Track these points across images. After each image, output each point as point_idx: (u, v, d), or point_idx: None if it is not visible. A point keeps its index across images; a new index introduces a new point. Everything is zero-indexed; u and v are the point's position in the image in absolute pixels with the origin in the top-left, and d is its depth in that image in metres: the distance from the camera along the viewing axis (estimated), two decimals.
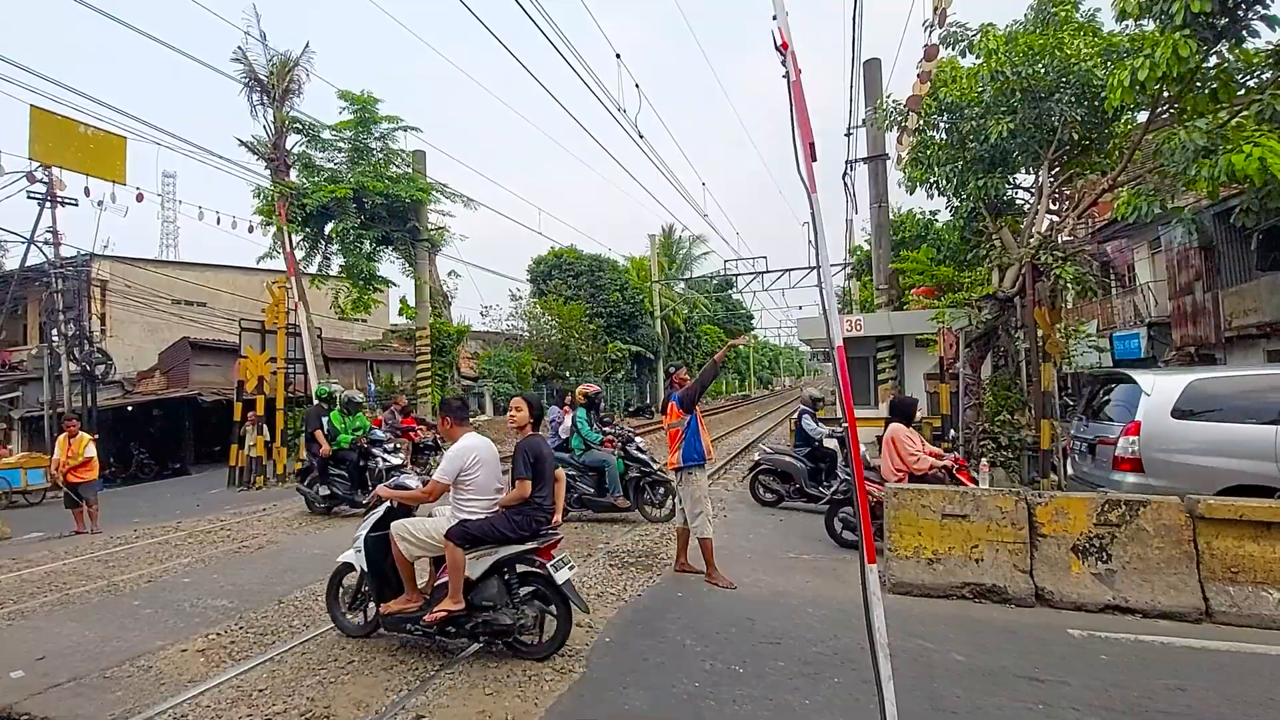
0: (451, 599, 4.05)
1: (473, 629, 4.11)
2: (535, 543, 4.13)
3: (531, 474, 4.11)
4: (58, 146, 14.79)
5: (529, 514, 4.12)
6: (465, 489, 4.19)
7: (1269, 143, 6.32)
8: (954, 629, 4.61)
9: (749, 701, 3.57)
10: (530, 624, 4.10)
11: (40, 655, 4.41)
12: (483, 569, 4.12)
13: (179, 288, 24.56)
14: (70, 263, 19.35)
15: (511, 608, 4.08)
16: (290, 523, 9.25)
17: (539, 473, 4.15)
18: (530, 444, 4.21)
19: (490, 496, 4.24)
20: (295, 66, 17.11)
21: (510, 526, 4.09)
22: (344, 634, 4.59)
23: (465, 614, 4.08)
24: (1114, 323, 20.65)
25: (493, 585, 4.14)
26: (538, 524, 4.15)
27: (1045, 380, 9.55)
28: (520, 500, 4.11)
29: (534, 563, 4.13)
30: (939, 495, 5.57)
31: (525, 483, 4.08)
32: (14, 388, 21.97)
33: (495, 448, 4.43)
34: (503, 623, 4.02)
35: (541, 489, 4.17)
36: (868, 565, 2.82)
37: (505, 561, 4.14)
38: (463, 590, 4.07)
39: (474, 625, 4.09)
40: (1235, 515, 4.86)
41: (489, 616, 4.05)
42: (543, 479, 4.18)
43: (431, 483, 4.29)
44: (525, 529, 4.11)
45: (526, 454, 4.13)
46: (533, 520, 4.13)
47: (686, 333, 42.95)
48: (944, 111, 10.56)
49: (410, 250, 19.36)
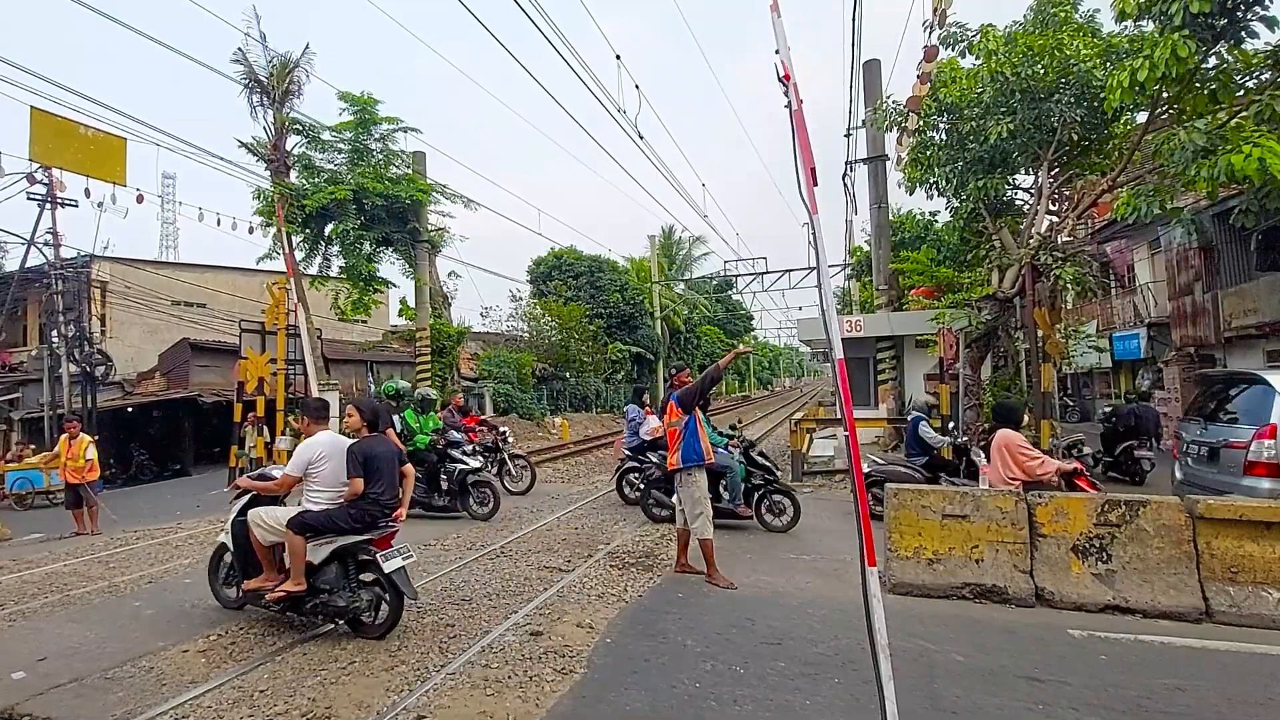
0: (293, 581, 4.50)
1: (313, 608, 4.56)
2: (372, 534, 4.58)
3: (364, 473, 4.55)
4: (58, 148, 14.79)
5: (364, 508, 4.57)
6: (313, 482, 4.65)
7: (1268, 143, 6.34)
8: (954, 629, 4.61)
9: (750, 702, 3.57)
10: (365, 607, 4.53)
11: (41, 656, 4.41)
12: (324, 555, 4.55)
13: (179, 289, 24.57)
14: (70, 264, 19.35)
15: (348, 591, 4.52)
16: None
17: (371, 471, 4.57)
18: (362, 446, 4.66)
19: (336, 489, 4.66)
20: (295, 68, 17.11)
21: (347, 518, 4.54)
22: (220, 603, 5.22)
23: (308, 595, 4.52)
24: (1114, 323, 20.67)
25: (332, 570, 4.58)
26: (373, 517, 4.59)
27: (1045, 380, 9.57)
28: (355, 496, 4.54)
29: (370, 552, 4.54)
30: (939, 496, 5.58)
31: (357, 480, 4.54)
32: (14, 389, 21.96)
33: (345, 445, 4.77)
34: (337, 604, 4.47)
35: (376, 486, 4.59)
36: (868, 568, 2.82)
37: (346, 550, 4.56)
38: (304, 573, 4.50)
39: (314, 605, 4.54)
40: (1235, 515, 4.87)
41: (327, 598, 4.50)
42: (376, 477, 4.59)
43: (282, 476, 4.84)
44: (360, 521, 4.55)
45: (358, 455, 4.59)
46: (368, 514, 4.58)
47: (686, 333, 42.96)
48: (944, 112, 10.58)
49: (410, 251, 19.36)
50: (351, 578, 4.57)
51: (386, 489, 4.65)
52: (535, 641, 4.40)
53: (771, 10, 3.12)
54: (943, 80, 10.60)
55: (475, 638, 4.50)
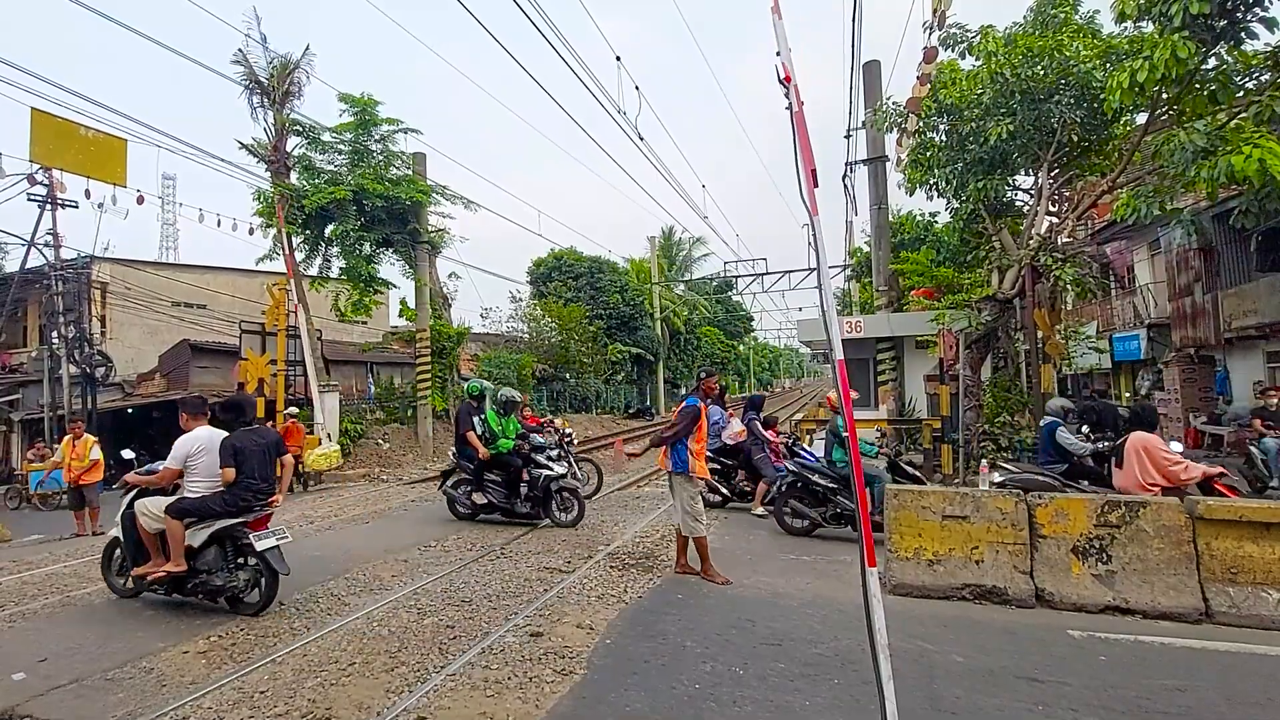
0: (173, 562, 4.96)
1: (193, 588, 5.04)
2: (247, 517, 5.09)
3: (235, 463, 5.03)
4: (58, 149, 14.81)
5: (237, 493, 5.04)
6: (192, 472, 5.09)
7: (1268, 144, 6.35)
8: (954, 630, 4.62)
9: (750, 703, 3.57)
10: (242, 585, 5.03)
11: (42, 657, 4.41)
12: (203, 538, 5.00)
13: (179, 290, 24.56)
14: (70, 265, 19.33)
15: (226, 572, 5.03)
16: (290, 525, 9.23)
17: (241, 462, 5.06)
18: (234, 439, 5.16)
19: (212, 479, 5.09)
20: (295, 69, 17.14)
21: (221, 503, 5.01)
22: (114, 593, 5.54)
23: (189, 575, 5.00)
24: (1114, 324, 20.66)
25: (211, 553, 5.06)
26: (246, 502, 5.07)
27: (1045, 381, 9.58)
28: (228, 483, 5.03)
29: (245, 534, 5.00)
30: (939, 496, 5.58)
31: (228, 470, 5.03)
32: (14, 390, 21.95)
33: (219, 438, 5.19)
34: (215, 584, 4.98)
35: (247, 474, 5.08)
36: (868, 569, 2.82)
37: (224, 534, 5.03)
38: (185, 555, 4.96)
39: (194, 585, 5.03)
40: (1235, 516, 4.87)
41: (206, 578, 4.99)
42: (247, 467, 5.09)
43: (163, 469, 5.19)
44: (233, 505, 5.04)
45: (229, 447, 5.08)
46: (240, 499, 5.05)
47: (687, 334, 42.99)
48: (943, 113, 10.59)
49: (410, 252, 19.37)
50: (230, 559, 5.09)
51: (259, 477, 5.15)
52: (535, 642, 4.40)
53: (772, 12, 3.16)
54: (942, 81, 10.61)
55: (475, 639, 4.50)
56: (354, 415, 18.89)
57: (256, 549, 4.93)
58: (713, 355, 48.42)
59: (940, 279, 14.45)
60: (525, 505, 8.33)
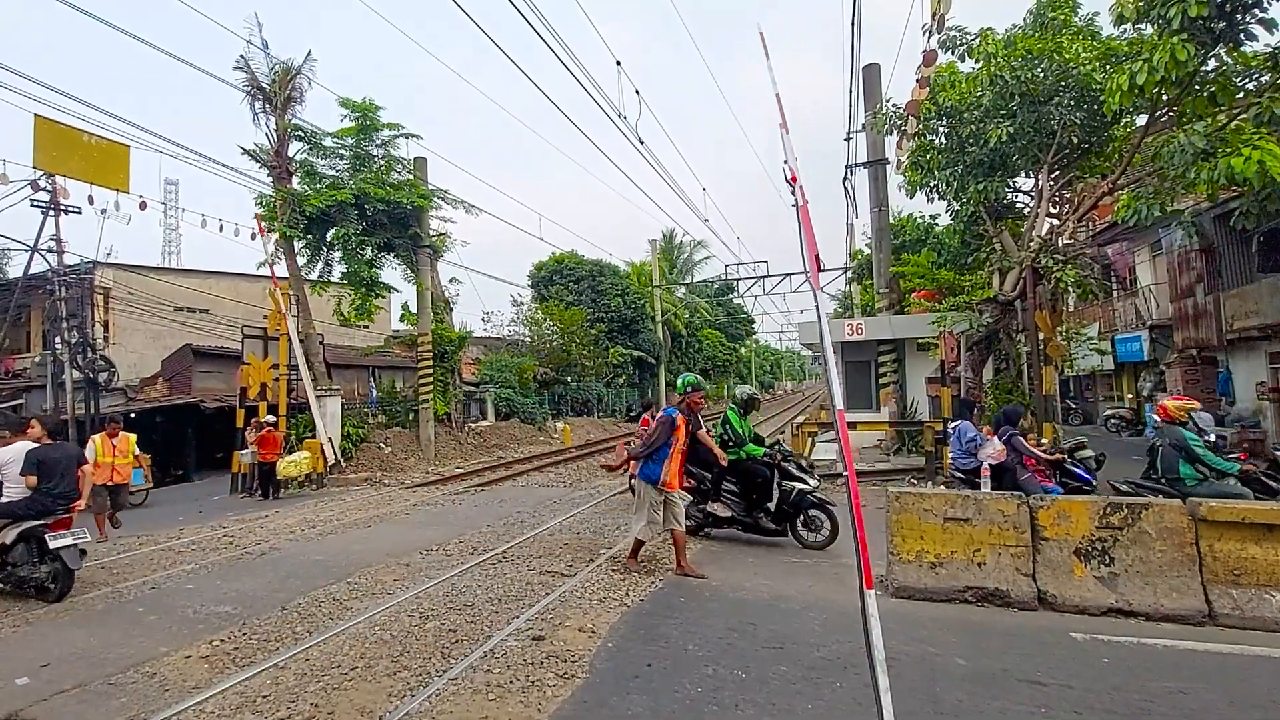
0: None
1: (2, 579, 5.91)
2: (48, 519, 5.96)
3: (38, 472, 5.88)
4: (61, 155, 14.88)
5: (39, 499, 5.94)
6: (7, 481, 5.93)
7: (1268, 145, 6.36)
8: (956, 633, 4.61)
9: (752, 707, 3.57)
10: (45, 578, 5.81)
11: (45, 662, 4.43)
12: (12, 537, 5.84)
13: (181, 295, 24.61)
14: (73, 270, 19.40)
15: (30, 566, 5.84)
16: (292, 529, 9.26)
17: (44, 471, 5.93)
18: (38, 452, 6.03)
19: (23, 486, 5.89)
20: (297, 74, 17.18)
21: (24, 508, 5.88)
22: None
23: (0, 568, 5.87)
24: (1115, 326, 20.65)
25: (19, 549, 5.89)
26: (47, 507, 5.95)
27: (1046, 383, 9.57)
28: (31, 489, 5.88)
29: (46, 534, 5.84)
30: (941, 499, 5.57)
31: (30, 478, 5.87)
32: (17, 395, 22.01)
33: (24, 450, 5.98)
34: (20, 575, 5.84)
35: (49, 483, 5.95)
36: (866, 590, 2.75)
37: (32, 533, 5.88)
38: None
39: (3, 576, 5.91)
40: (1238, 518, 4.86)
41: (13, 570, 5.88)
42: (49, 476, 5.96)
43: None
44: (35, 509, 5.92)
45: (32, 459, 5.92)
46: (41, 504, 5.93)
47: (688, 337, 42.98)
48: (943, 116, 10.60)
49: (412, 256, 19.40)
50: (34, 555, 5.89)
51: (60, 485, 6.04)
52: (537, 646, 4.40)
53: (780, 129, 3.42)
54: (942, 84, 10.62)
55: (477, 642, 4.51)
56: (356, 419, 18.90)
57: (50, 547, 5.76)
58: (714, 358, 48.40)
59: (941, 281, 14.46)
60: (770, 520, 7.34)
